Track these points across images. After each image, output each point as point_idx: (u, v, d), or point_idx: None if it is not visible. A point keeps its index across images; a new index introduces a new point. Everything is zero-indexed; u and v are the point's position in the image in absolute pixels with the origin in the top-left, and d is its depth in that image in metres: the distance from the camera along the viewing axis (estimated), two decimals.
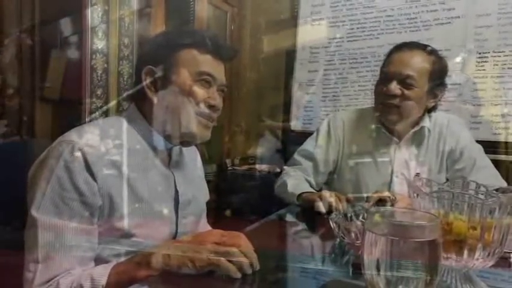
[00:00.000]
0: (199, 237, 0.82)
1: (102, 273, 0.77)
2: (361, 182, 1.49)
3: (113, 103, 2.05)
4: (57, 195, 0.79)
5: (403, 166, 1.46)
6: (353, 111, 1.64)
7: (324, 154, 1.53)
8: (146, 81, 0.93)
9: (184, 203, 0.99)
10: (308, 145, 1.59)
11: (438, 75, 1.38)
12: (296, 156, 1.59)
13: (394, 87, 1.35)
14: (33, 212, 0.78)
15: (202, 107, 0.94)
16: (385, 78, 1.39)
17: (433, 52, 1.39)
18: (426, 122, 1.45)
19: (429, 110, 1.45)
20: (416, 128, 1.45)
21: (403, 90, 1.35)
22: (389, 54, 1.43)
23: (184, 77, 0.92)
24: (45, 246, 0.77)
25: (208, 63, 0.94)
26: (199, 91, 0.93)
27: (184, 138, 0.96)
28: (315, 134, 1.60)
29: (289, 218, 1.34)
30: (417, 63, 1.35)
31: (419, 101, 1.37)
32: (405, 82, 1.34)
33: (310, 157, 1.55)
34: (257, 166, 2.80)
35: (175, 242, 0.90)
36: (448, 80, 1.44)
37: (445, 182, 0.93)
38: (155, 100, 0.93)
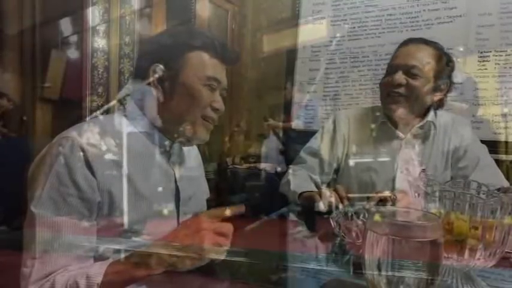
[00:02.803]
0: (191, 224, 0.80)
1: (98, 271, 0.76)
2: (366, 178, 1.49)
3: (113, 102, 2.05)
4: (56, 191, 0.79)
5: (408, 162, 1.47)
6: (358, 109, 1.66)
7: (329, 151, 1.54)
8: (154, 79, 0.93)
9: (185, 199, 0.99)
10: (313, 142, 1.60)
11: (444, 70, 1.40)
12: (302, 154, 1.60)
13: (399, 76, 1.37)
14: (32, 207, 0.78)
15: (207, 110, 0.95)
16: (391, 70, 1.42)
17: (439, 49, 1.41)
18: (431, 117, 1.45)
19: (436, 107, 1.46)
20: (421, 123, 1.45)
21: (408, 80, 1.37)
22: (397, 48, 1.45)
23: (193, 80, 0.93)
24: (42, 242, 0.78)
25: (215, 68, 0.95)
26: (206, 95, 0.94)
27: (186, 138, 0.97)
28: (320, 131, 1.61)
29: (290, 217, 1.34)
30: (423, 56, 1.38)
31: (424, 91, 1.38)
32: (410, 72, 1.36)
33: (315, 154, 1.56)
34: (258, 165, 2.80)
35: (170, 236, 0.84)
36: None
37: (447, 181, 0.93)
38: (161, 98, 0.93)
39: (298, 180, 1.47)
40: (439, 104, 1.46)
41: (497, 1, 2.09)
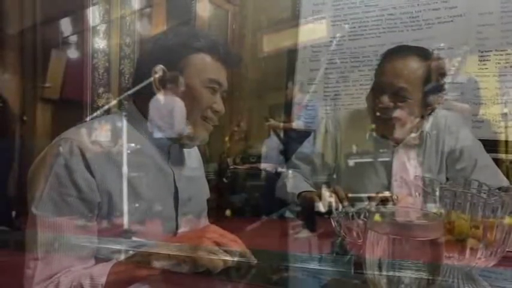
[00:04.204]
0: (197, 233, 0.81)
1: (102, 272, 0.77)
2: (360, 185, 1.45)
3: (113, 102, 2.05)
4: (56, 192, 0.79)
5: (401, 169, 1.43)
6: (351, 112, 1.61)
7: (321, 156, 1.51)
8: (156, 79, 0.93)
9: (184, 200, 0.99)
10: (305, 148, 1.57)
11: (435, 79, 1.31)
12: (294, 159, 1.58)
13: (386, 100, 1.29)
14: (33, 209, 0.79)
15: (208, 112, 0.95)
16: (377, 88, 1.34)
17: (428, 56, 1.32)
18: (424, 127, 1.41)
19: (429, 113, 1.40)
20: (414, 134, 1.40)
21: (395, 103, 1.28)
22: (382, 60, 1.37)
23: (195, 82, 0.93)
24: (44, 244, 0.78)
25: (218, 71, 0.95)
26: (207, 97, 0.94)
27: (186, 140, 0.97)
28: (311, 136, 1.58)
29: (290, 217, 1.34)
30: (411, 73, 1.27)
31: (414, 111, 1.31)
32: (398, 95, 1.28)
33: (308, 160, 1.53)
34: (258, 165, 2.80)
35: (174, 239, 0.89)
36: (449, 79, 1.41)
37: (446, 181, 0.93)
38: (162, 100, 0.93)
39: (294, 182, 1.46)
40: (433, 110, 1.38)
41: (497, 0, 2.09)
